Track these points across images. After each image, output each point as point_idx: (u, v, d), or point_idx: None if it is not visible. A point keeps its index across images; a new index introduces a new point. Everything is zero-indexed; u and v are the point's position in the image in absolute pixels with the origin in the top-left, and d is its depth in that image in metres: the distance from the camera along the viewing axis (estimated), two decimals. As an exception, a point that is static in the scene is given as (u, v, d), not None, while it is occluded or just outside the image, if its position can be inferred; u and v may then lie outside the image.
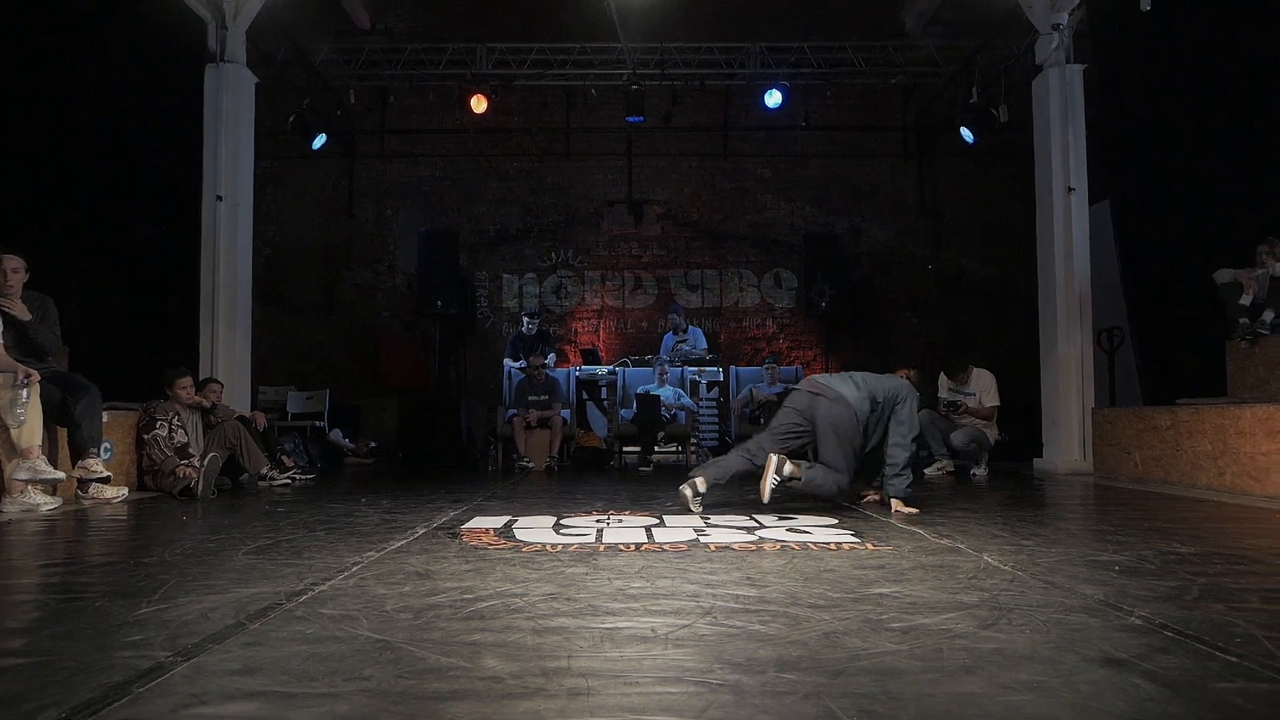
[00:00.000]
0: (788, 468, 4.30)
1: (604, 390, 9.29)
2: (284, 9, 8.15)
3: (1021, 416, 8.37)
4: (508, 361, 9.54)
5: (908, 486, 4.37)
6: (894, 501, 4.34)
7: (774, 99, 10.26)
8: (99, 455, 4.83)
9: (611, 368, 9.48)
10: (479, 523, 3.92)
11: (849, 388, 4.42)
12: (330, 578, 2.59)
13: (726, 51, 10.16)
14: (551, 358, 9.39)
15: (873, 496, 4.65)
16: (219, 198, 7.17)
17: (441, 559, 2.93)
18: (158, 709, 1.44)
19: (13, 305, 4.74)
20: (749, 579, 2.58)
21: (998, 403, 6.98)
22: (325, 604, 2.24)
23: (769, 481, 4.26)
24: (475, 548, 3.19)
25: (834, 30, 10.25)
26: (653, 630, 1.96)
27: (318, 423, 9.57)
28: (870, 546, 3.19)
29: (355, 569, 2.74)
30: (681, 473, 7.73)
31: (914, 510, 4.26)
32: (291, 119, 9.28)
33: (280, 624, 2.03)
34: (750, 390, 8.48)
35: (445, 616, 2.09)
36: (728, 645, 1.83)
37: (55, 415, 4.87)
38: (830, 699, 1.48)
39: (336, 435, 9.08)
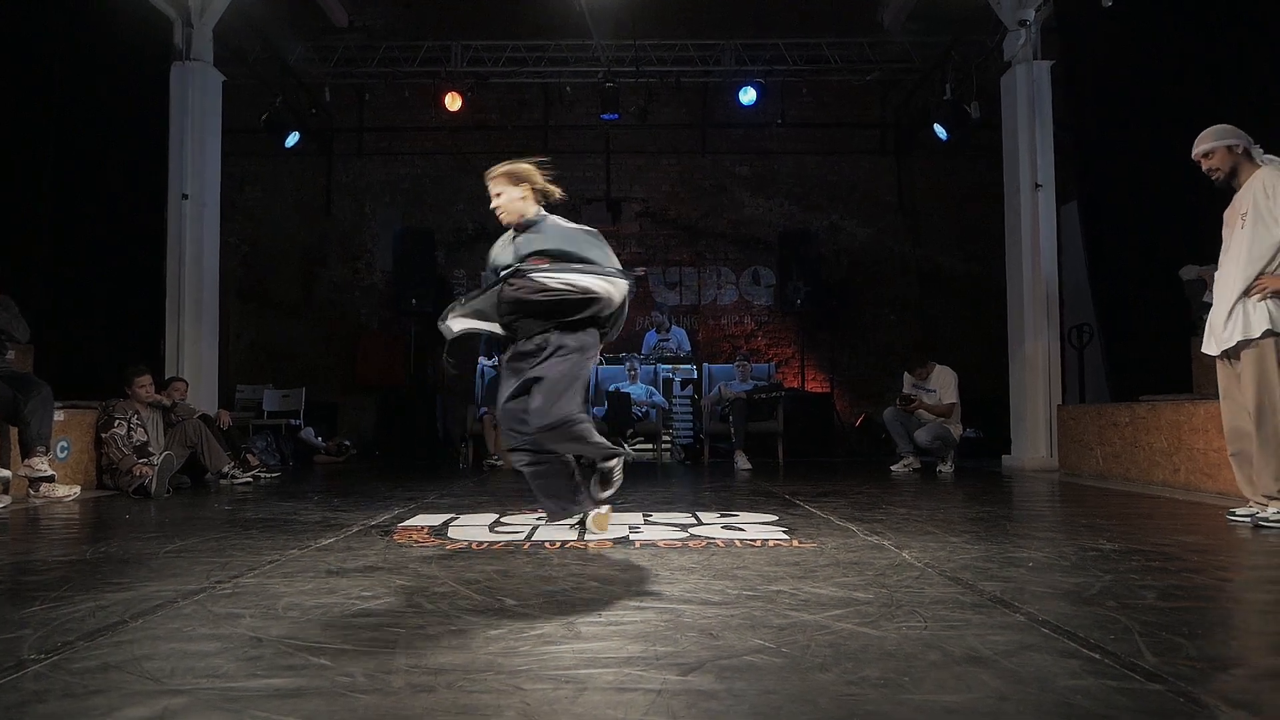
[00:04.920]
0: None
1: (578, 388, 9.28)
2: (255, 6, 8.14)
3: (997, 413, 8.38)
4: (482, 360, 9.53)
5: None
6: None
7: (748, 96, 10.25)
8: (46, 454, 4.82)
9: (585, 365, 9.47)
10: (418, 520, 3.93)
11: None
12: (238, 575, 2.59)
13: (702, 49, 10.14)
14: (526, 356, 9.37)
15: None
16: (185, 196, 7.16)
17: (359, 556, 2.94)
18: (-10, 707, 1.44)
19: None
20: (656, 576, 2.58)
21: (955, 401, 6.98)
22: (219, 601, 2.24)
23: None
24: (400, 545, 3.19)
25: (810, 27, 10.23)
26: (531, 627, 1.96)
27: (293, 420, 9.57)
28: (795, 544, 3.20)
29: (268, 566, 2.75)
30: (654, 471, 7.76)
31: None
32: (264, 117, 9.26)
33: (162, 622, 2.03)
34: (719, 388, 8.48)
35: (332, 614, 2.09)
36: (598, 643, 1.83)
37: (7, 413, 4.87)
38: (670, 695, 1.48)
39: (308, 434, 9.07)
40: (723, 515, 4.07)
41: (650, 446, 8.91)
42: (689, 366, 9.38)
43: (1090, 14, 7.00)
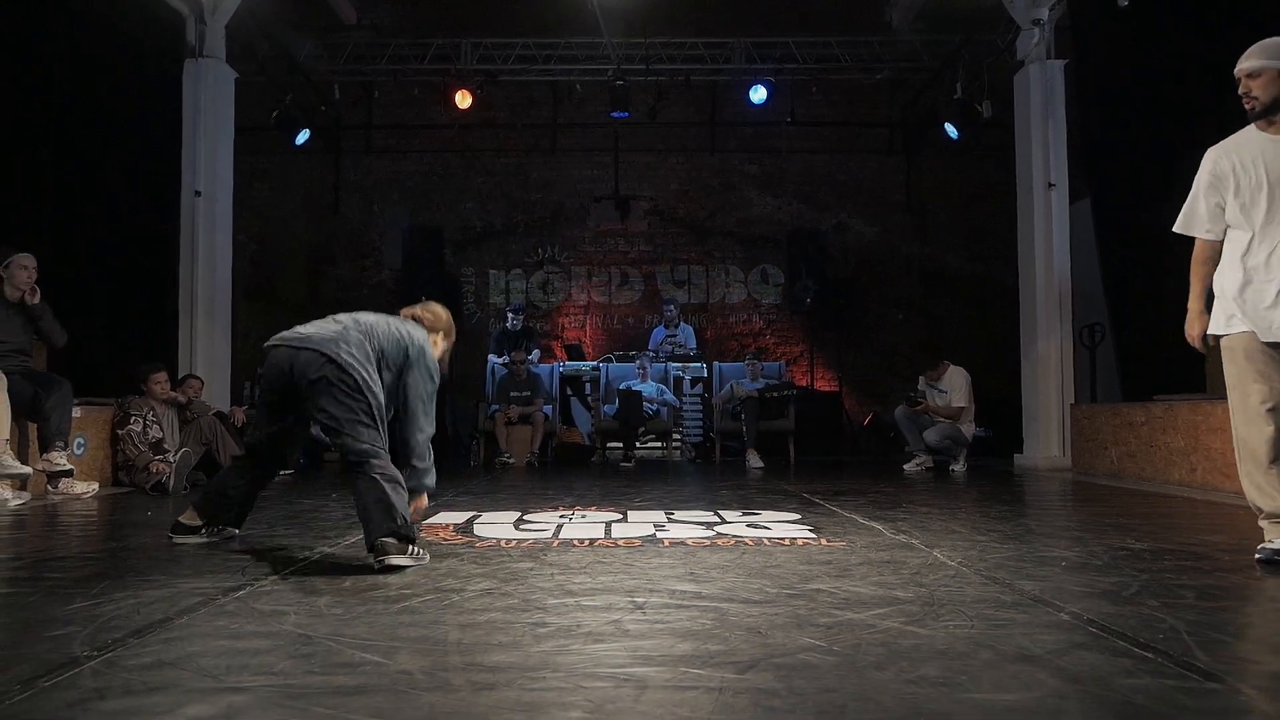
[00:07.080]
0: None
1: (588, 386, 9.29)
2: (265, 3, 8.13)
3: (1004, 413, 8.39)
4: (492, 357, 9.54)
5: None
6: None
7: (759, 95, 10.24)
8: (64, 449, 4.83)
9: (595, 363, 9.49)
10: (441, 519, 3.92)
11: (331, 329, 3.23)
12: (274, 573, 2.59)
13: (711, 47, 10.13)
14: (535, 354, 9.39)
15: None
16: (197, 193, 7.16)
17: (391, 554, 2.93)
18: (56, 702, 1.44)
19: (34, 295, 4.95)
20: (692, 575, 2.58)
21: (964, 405, 6.96)
22: (260, 599, 2.24)
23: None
24: (429, 544, 3.19)
25: (819, 26, 10.21)
26: (578, 625, 1.96)
27: (302, 418, 9.56)
28: (824, 543, 3.20)
29: (302, 564, 2.75)
30: (665, 468, 7.77)
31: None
32: (275, 115, 9.25)
33: (208, 619, 2.03)
34: (731, 386, 8.48)
35: (376, 612, 2.09)
36: (648, 640, 1.83)
37: (26, 410, 4.87)
38: (731, 694, 1.49)
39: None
40: (745, 514, 4.07)
41: (661, 445, 8.92)
42: (699, 365, 9.39)
43: (1105, 13, 6.99)
